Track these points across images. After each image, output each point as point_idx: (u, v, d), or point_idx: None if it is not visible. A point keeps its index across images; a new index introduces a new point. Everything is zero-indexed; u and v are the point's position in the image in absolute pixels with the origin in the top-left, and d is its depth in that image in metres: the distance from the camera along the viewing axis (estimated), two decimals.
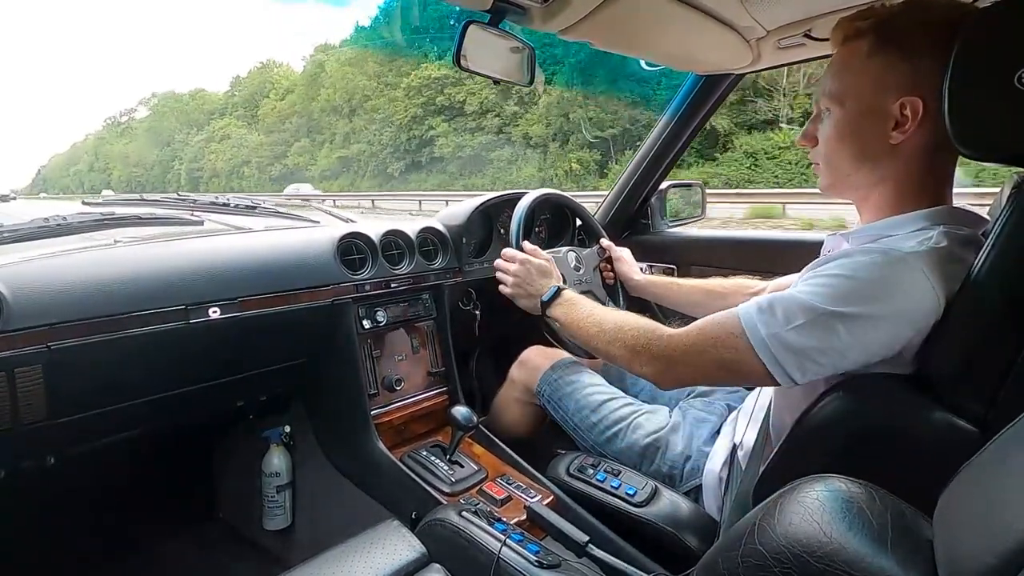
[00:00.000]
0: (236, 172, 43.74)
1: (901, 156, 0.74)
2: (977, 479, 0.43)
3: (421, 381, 1.31)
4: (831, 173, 0.81)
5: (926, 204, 0.74)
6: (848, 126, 0.77)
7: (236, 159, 44.14)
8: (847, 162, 0.78)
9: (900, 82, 0.71)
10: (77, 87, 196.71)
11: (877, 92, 0.73)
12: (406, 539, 0.82)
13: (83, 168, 74.61)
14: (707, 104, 1.55)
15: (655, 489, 1.01)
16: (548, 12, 0.95)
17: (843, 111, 0.77)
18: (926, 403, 0.66)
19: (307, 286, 1.09)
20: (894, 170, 0.75)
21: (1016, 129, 0.60)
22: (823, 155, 0.81)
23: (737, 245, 1.69)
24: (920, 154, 0.73)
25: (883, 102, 0.72)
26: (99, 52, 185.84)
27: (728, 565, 0.45)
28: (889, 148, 0.74)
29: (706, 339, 0.77)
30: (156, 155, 57.66)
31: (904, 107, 0.71)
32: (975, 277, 0.64)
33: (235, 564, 1.35)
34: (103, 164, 69.10)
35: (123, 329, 0.87)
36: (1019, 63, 0.56)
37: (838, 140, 0.78)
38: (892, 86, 0.72)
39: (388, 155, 29.83)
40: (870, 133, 0.74)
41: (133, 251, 0.98)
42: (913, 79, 0.70)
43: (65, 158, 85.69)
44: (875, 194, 0.78)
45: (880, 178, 0.76)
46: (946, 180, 0.76)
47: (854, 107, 0.76)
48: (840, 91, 0.77)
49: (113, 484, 1.35)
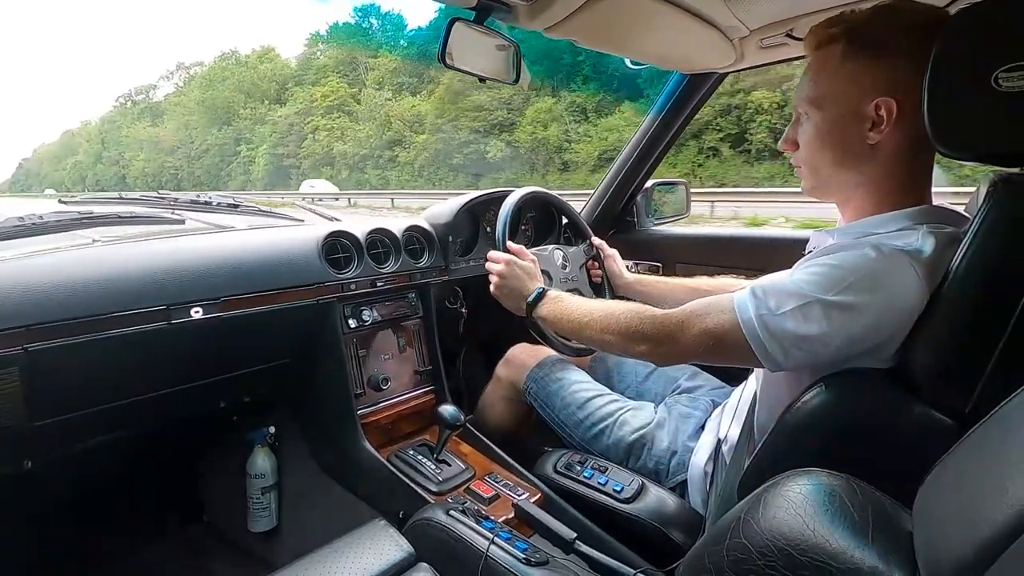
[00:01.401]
0: (355, 163, 30.07)
1: (880, 156, 0.75)
2: (954, 472, 0.44)
3: (408, 380, 1.30)
4: (813, 176, 0.83)
5: (908, 203, 0.76)
6: (827, 129, 0.78)
7: (351, 145, 30.21)
8: (828, 164, 0.80)
9: (874, 84, 0.73)
10: (65, 68, 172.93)
11: (852, 95, 0.75)
12: (393, 539, 0.81)
13: (86, 160, 59.29)
14: (691, 103, 1.56)
15: (642, 485, 1.02)
16: (533, 10, 0.95)
17: (821, 114, 0.78)
18: (907, 398, 0.67)
19: (291, 285, 1.08)
20: (874, 170, 0.77)
21: (994, 128, 0.61)
22: (804, 158, 0.83)
23: (722, 243, 1.71)
24: (898, 153, 0.75)
25: (859, 104, 0.74)
26: (92, 27, 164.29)
27: (713, 559, 0.46)
28: (868, 149, 0.75)
29: (697, 316, 0.79)
30: (211, 137, 41.44)
31: (879, 108, 0.73)
32: (955, 274, 0.65)
33: (220, 567, 1.33)
34: (116, 153, 53.45)
35: (103, 330, 0.85)
36: (997, 63, 0.58)
37: (818, 143, 0.80)
38: (867, 88, 0.73)
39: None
40: (849, 135, 0.76)
41: (112, 250, 0.96)
42: (886, 80, 0.72)
43: (57, 148, 69.08)
44: (857, 195, 0.80)
45: (861, 178, 0.78)
46: (926, 178, 0.78)
47: (832, 110, 0.77)
48: (817, 95, 0.79)
49: (95, 487, 1.32)
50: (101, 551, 1.34)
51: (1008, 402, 0.41)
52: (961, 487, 0.41)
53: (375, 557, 0.78)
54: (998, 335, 0.61)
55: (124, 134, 53.59)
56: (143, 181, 46.67)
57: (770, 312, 0.72)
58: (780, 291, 0.72)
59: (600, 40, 1.16)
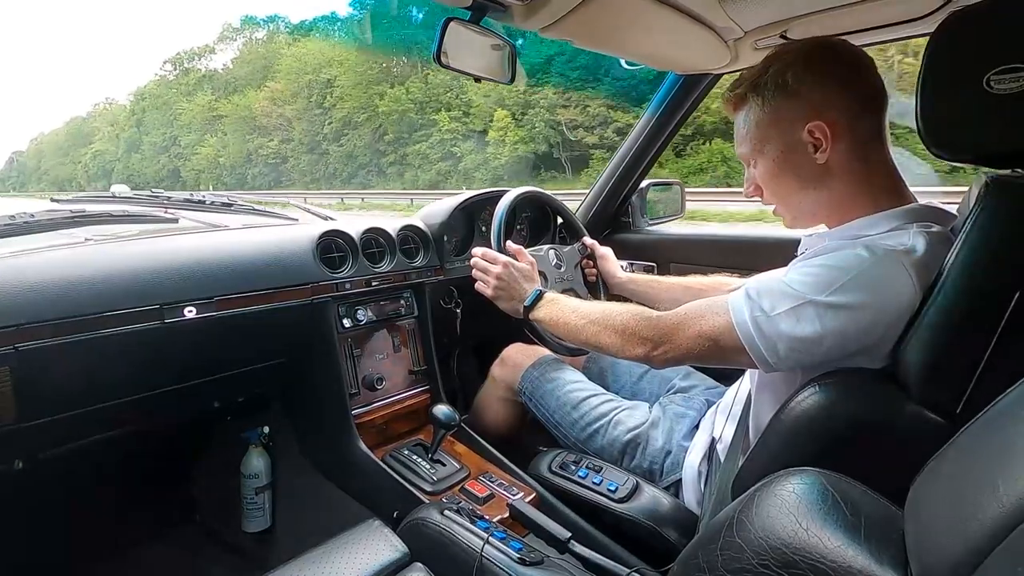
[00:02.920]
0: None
1: (836, 170, 0.79)
2: (945, 471, 0.44)
3: (402, 380, 1.30)
4: (787, 209, 0.87)
5: (893, 202, 0.78)
6: (778, 168, 0.83)
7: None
8: (794, 193, 0.85)
9: (797, 115, 0.79)
10: (65, 45, 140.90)
11: (784, 131, 0.81)
12: (388, 539, 0.81)
13: (110, 148, 44.52)
14: (686, 103, 1.56)
15: (636, 484, 1.02)
16: (529, 9, 0.95)
17: (766, 158, 0.84)
18: (899, 397, 0.67)
19: (285, 285, 1.07)
20: (838, 182, 0.80)
21: (986, 130, 0.62)
22: (772, 197, 0.87)
23: (717, 243, 1.71)
24: (851, 161, 0.78)
25: (793, 136, 0.80)
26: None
27: (707, 558, 0.46)
28: (822, 168, 0.80)
29: (692, 318, 0.81)
30: (360, 96, 27.03)
31: (812, 132, 0.78)
32: (946, 274, 0.66)
33: (214, 567, 1.33)
34: (162, 138, 39.28)
35: (95, 329, 0.85)
36: (989, 66, 0.58)
37: (776, 182, 0.85)
38: (793, 121, 0.80)
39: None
40: (799, 164, 0.81)
41: (105, 249, 0.96)
42: (805, 108, 0.79)
43: (63, 138, 53.71)
44: (835, 207, 0.82)
45: (831, 193, 0.81)
46: (893, 172, 0.81)
47: (773, 151, 0.83)
48: (755, 146, 0.85)
49: (87, 488, 1.31)
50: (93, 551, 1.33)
51: (998, 401, 0.42)
52: (952, 486, 0.41)
53: (370, 557, 0.77)
54: (989, 335, 0.61)
55: (175, 112, 38.96)
56: (212, 177, 32.70)
57: (764, 314, 0.72)
58: (774, 292, 0.73)
59: (595, 40, 1.17)
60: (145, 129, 42.45)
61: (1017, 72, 0.57)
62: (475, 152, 22.45)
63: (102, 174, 44.89)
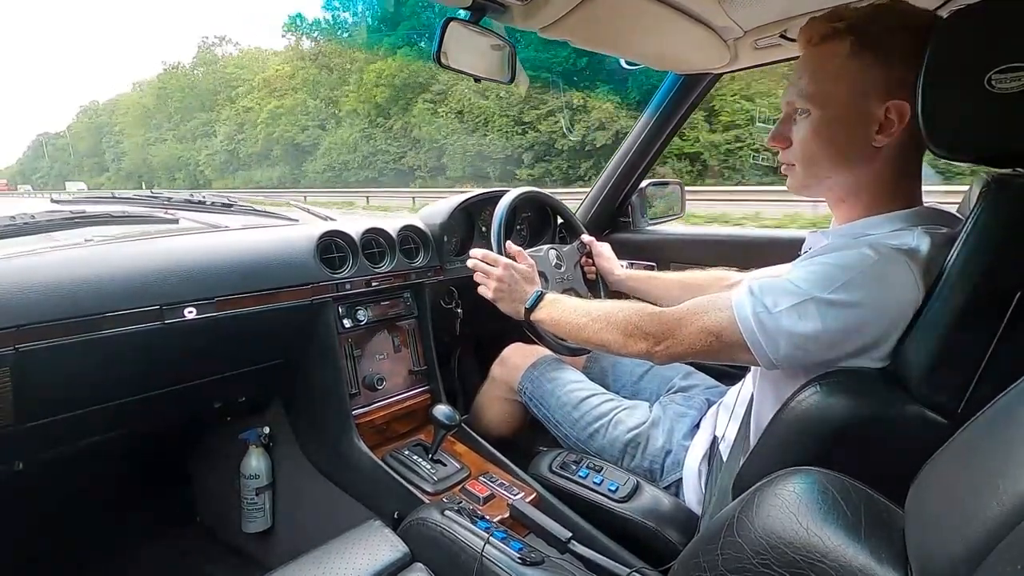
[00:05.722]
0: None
1: (880, 158, 0.75)
2: (945, 470, 0.44)
3: (403, 380, 1.30)
4: (807, 175, 0.81)
5: (901, 204, 0.76)
6: (828, 129, 0.76)
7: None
8: (826, 164, 0.78)
9: (883, 86, 0.71)
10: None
11: (859, 95, 0.73)
12: (388, 539, 0.81)
13: (142, 143, 37.78)
14: (686, 103, 1.56)
15: (637, 484, 1.02)
16: (529, 9, 0.95)
17: (822, 113, 0.76)
18: (900, 397, 0.67)
19: (285, 285, 1.07)
20: (872, 172, 0.76)
21: (988, 130, 0.62)
22: (799, 156, 0.80)
23: (717, 242, 1.71)
24: (899, 155, 0.75)
25: (867, 105, 0.72)
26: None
27: (707, 558, 0.46)
28: (871, 151, 0.74)
29: (695, 314, 0.80)
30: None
31: (889, 111, 0.71)
32: (948, 274, 0.66)
33: (214, 568, 1.33)
34: (234, 124, 31.65)
35: (95, 330, 0.85)
36: (990, 65, 0.58)
37: (817, 142, 0.77)
38: (876, 89, 0.72)
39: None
40: (852, 136, 0.74)
41: (105, 250, 0.96)
42: (897, 82, 0.70)
43: (86, 128, 47.72)
44: (851, 196, 0.79)
45: (857, 180, 0.78)
46: (917, 179, 0.78)
47: (835, 109, 0.75)
48: (818, 93, 0.76)
49: (88, 489, 1.32)
50: (94, 552, 1.33)
51: (999, 400, 0.42)
52: (953, 485, 0.41)
53: (370, 557, 0.77)
54: (991, 335, 0.61)
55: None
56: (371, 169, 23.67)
57: (767, 310, 0.72)
58: (777, 289, 0.73)
59: (595, 40, 1.17)
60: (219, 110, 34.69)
61: (1018, 71, 0.57)
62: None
63: (129, 173, 40.43)
